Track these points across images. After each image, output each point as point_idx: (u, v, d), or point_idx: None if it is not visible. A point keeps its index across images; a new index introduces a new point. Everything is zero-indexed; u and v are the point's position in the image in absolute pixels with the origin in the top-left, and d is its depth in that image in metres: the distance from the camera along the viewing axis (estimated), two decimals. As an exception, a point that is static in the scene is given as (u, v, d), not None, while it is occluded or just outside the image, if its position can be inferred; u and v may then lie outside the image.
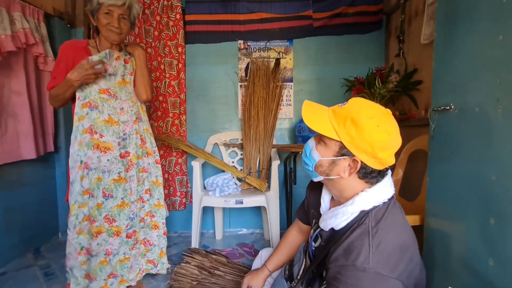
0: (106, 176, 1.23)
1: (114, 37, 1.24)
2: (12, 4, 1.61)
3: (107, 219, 1.25)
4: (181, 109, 2.17)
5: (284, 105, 2.22)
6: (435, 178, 1.09)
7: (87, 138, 1.21)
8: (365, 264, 0.66)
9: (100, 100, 1.23)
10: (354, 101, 0.77)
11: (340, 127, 0.74)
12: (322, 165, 0.79)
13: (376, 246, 0.68)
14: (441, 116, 1.04)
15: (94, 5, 1.19)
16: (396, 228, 0.73)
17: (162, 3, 2.11)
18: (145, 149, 1.38)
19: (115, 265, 1.28)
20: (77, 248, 1.20)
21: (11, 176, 1.70)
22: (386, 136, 0.71)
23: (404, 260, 0.70)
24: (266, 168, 2.06)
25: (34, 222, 1.88)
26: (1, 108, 1.59)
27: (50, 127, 1.91)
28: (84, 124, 1.21)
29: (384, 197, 0.76)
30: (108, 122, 1.24)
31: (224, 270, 1.49)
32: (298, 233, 1.15)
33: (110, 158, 1.24)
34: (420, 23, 1.65)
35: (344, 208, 0.77)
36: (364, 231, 0.71)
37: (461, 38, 0.94)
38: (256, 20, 2.18)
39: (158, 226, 1.42)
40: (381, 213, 0.74)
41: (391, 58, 2.07)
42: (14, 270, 1.66)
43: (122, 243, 1.29)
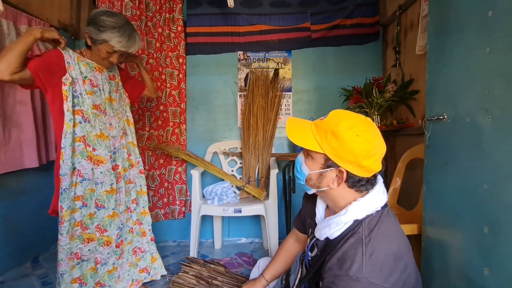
0: (99, 188, 1.25)
1: (107, 66, 1.32)
2: (19, 18, 1.67)
3: (99, 229, 1.26)
4: (181, 118, 2.20)
5: (283, 114, 2.25)
6: (431, 187, 1.10)
7: (81, 147, 1.20)
8: (358, 273, 0.66)
9: (92, 115, 1.24)
10: (333, 113, 0.79)
11: (322, 140, 0.76)
12: (311, 178, 0.81)
13: (369, 255, 0.68)
14: (435, 126, 1.06)
15: (99, 38, 1.16)
16: (389, 237, 0.73)
17: (164, 16, 2.18)
18: (130, 162, 1.43)
19: (102, 275, 1.29)
20: (68, 253, 1.20)
21: (12, 185, 1.72)
22: (367, 145, 0.72)
23: (398, 269, 0.70)
24: (265, 177, 2.06)
25: (33, 231, 1.88)
26: (5, 117, 1.62)
27: (52, 136, 1.93)
28: (77, 132, 1.19)
29: (376, 205, 0.77)
30: (100, 136, 1.27)
31: (222, 280, 1.48)
32: (295, 242, 1.15)
33: (103, 170, 1.26)
34: (415, 34, 1.69)
35: (338, 217, 0.78)
36: (357, 240, 0.72)
37: (451, 49, 0.97)
38: (255, 32, 2.23)
39: (145, 233, 1.46)
40: (374, 221, 0.74)
41: (388, 68, 2.11)
42: (12, 279, 1.65)
43: (112, 253, 1.30)
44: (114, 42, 1.17)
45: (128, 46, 1.21)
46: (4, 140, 1.61)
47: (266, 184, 2.05)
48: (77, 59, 1.22)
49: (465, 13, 0.89)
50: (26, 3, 1.74)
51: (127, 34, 1.19)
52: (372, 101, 1.91)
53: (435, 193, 1.07)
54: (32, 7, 1.79)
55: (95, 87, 1.26)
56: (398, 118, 1.96)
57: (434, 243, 1.08)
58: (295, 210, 2.09)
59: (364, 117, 0.78)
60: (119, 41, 1.17)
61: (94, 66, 1.28)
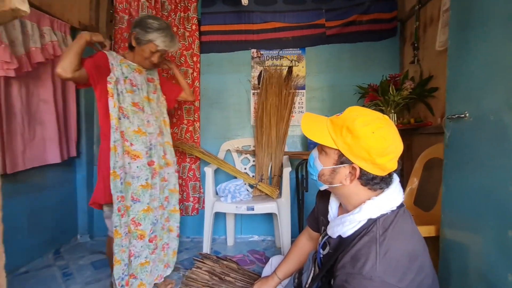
0: (135, 182, 1.31)
1: (148, 67, 1.41)
2: (42, 19, 1.74)
3: (133, 222, 1.31)
4: (195, 116, 2.22)
5: (296, 112, 2.23)
6: (451, 187, 1.06)
7: (120, 141, 1.28)
8: (371, 272, 0.66)
9: (131, 112, 1.32)
10: (350, 109, 0.78)
11: (337, 136, 0.75)
12: (324, 174, 0.80)
13: (383, 254, 0.67)
14: (456, 124, 1.02)
15: (145, 38, 1.29)
16: (404, 236, 0.72)
17: (179, 15, 2.20)
18: (166, 160, 1.48)
19: (135, 267, 1.32)
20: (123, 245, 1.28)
21: (36, 180, 1.80)
22: (382, 142, 0.71)
23: (413, 269, 0.68)
24: (278, 175, 2.06)
25: (55, 224, 1.97)
26: (30, 115, 1.70)
27: (73, 133, 2.01)
28: (119, 127, 1.29)
29: (392, 205, 0.75)
30: (138, 132, 1.33)
31: (234, 277, 1.50)
32: (308, 240, 1.15)
33: (139, 165, 1.32)
34: (435, 29, 1.63)
35: (351, 216, 0.77)
36: (371, 239, 0.71)
37: (475, 44, 0.93)
38: (269, 29, 2.22)
39: (172, 229, 1.52)
40: (389, 221, 0.73)
41: (406, 65, 2.05)
42: (35, 269, 1.74)
43: (145, 247, 1.34)
44: (158, 41, 1.29)
45: (170, 46, 1.33)
46: (29, 137, 1.69)
47: (278, 182, 2.05)
48: (120, 61, 1.33)
49: (491, 5, 0.85)
50: (48, 4, 1.81)
51: (169, 35, 1.32)
52: (389, 99, 1.86)
53: (454, 194, 1.04)
54: (54, 8, 1.86)
55: (134, 86, 1.35)
56: (416, 116, 1.90)
57: (452, 245, 1.04)
58: (308, 209, 2.08)
59: (382, 115, 0.77)
60: (163, 41, 1.29)
61: (135, 68, 1.38)
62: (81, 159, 2.15)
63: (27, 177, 1.73)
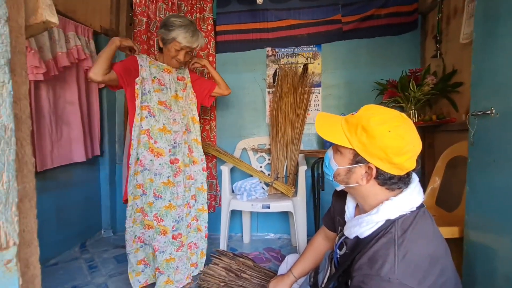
0: (157, 179, 1.36)
1: (176, 65, 1.46)
2: (67, 25, 1.83)
3: (156, 218, 1.35)
4: (212, 115, 2.26)
5: (312, 110, 2.21)
6: (475, 187, 1.01)
7: (145, 139, 1.35)
8: (390, 274, 0.64)
9: (157, 110, 1.38)
10: (365, 108, 0.76)
11: (352, 135, 0.74)
12: (339, 174, 0.79)
13: (402, 256, 0.65)
14: (481, 121, 0.97)
15: (169, 37, 1.34)
16: (424, 238, 0.69)
17: (195, 16, 2.24)
18: (192, 158, 1.51)
19: (161, 262, 1.36)
20: (132, 236, 1.33)
21: (62, 177, 1.91)
22: (399, 141, 0.69)
23: (434, 272, 0.66)
24: (293, 173, 2.05)
25: (80, 219, 2.08)
26: (57, 116, 1.80)
27: (97, 133, 2.11)
28: (143, 125, 1.35)
29: (411, 205, 0.73)
30: (162, 130, 1.38)
31: (250, 274, 1.51)
32: (324, 240, 1.14)
33: (162, 162, 1.37)
34: (460, 21, 1.56)
35: (369, 216, 0.75)
36: (389, 240, 0.69)
37: (501, 36, 0.88)
38: (284, 27, 2.21)
39: (201, 229, 1.53)
40: (408, 222, 0.71)
41: (428, 59, 1.96)
42: (64, 261, 1.85)
43: (168, 243, 1.38)
44: (180, 38, 1.32)
45: (192, 41, 1.35)
46: (56, 137, 1.79)
47: (294, 180, 2.04)
48: (149, 63, 1.41)
49: (520, -5, 0.80)
50: (72, 11, 1.91)
51: (191, 30, 1.34)
52: (409, 95, 1.80)
53: (479, 194, 0.99)
54: (78, 14, 1.95)
55: (162, 86, 1.41)
56: (438, 112, 1.82)
57: (477, 247, 1.00)
58: (324, 208, 2.06)
59: (398, 113, 0.74)
60: (184, 37, 1.32)
61: (164, 68, 1.44)
62: (104, 158, 2.25)
63: (55, 175, 1.84)
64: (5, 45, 0.23)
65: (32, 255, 0.31)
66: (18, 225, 0.25)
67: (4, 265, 0.23)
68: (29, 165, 0.30)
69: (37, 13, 0.30)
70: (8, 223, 0.23)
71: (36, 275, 0.31)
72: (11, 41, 0.29)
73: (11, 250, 0.24)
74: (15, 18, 0.30)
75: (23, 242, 0.30)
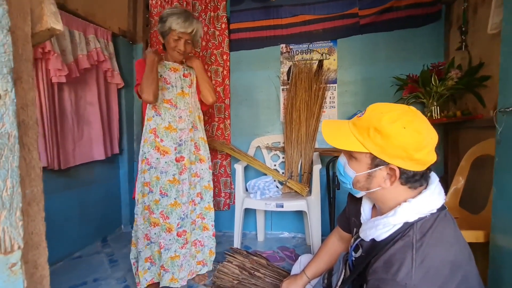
0: (163, 176, 1.38)
1: (178, 57, 1.45)
2: (88, 28, 1.90)
3: (162, 215, 1.39)
4: (226, 113, 2.27)
5: (327, 107, 2.16)
6: (503, 188, 0.95)
7: (151, 138, 1.38)
8: (406, 279, 0.61)
9: (163, 109, 1.40)
10: (372, 108, 0.73)
11: (365, 139, 0.70)
12: (359, 180, 0.75)
13: (420, 261, 0.62)
14: (509, 118, 0.90)
15: (165, 28, 1.36)
16: (445, 243, 0.65)
17: (209, 15, 2.25)
18: (199, 156, 1.51)
19: (166, 260, 1.39)
20: (143, 233, 1.37)
21: (84, 175, 2.00)
22: (417, 136, 0.65)
23: (455, 279, 0.62)
24: (308, 172, 2.02)
25: (102, 215, 2.17)
26: (78, 117, 1.88)
27: (115, 132, 2.18)
28: (151, 125, 1.39)
29: (431, 207, 0.69)
30: (168, 128, 1.40)
31: (264, 272, 1.51)
32: (338, 241, 1.11)
33: (167, 160, 1.39)
34: (487, 10, 1.45)
35: (385, 219, 0.72)
36: (407, 244, 0.66)
37: (535, 26, 0.80)
38: (298, 23, 2.17)
39: (207, 227, 1.53)
40: (427, 225, 0.67)
41: (452, 52, 1.86)
42: (87, 255, 1.94)
43: (173, 240, 1.41)
44: (174, 25, 1.32)
45: (186, 26, 1.34)
46: (78, 136, 1.87)
47: (308, 179, 2.01)
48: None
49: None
50: (92, 14, 1.97)
51: (183, 16, 1.34)
52: (431, 90, 1.71)
53: (507, 196, 0.92)
54: (98, 17, 2.01)
55: (168, 84, 1.44)
56: (463, 108, 1.72)
57: (505, 253, 0.93)
58: (339, 207, 2.02)
59: (407, 107, 0.71)
60: (177, 23, 1.32)
61: (170, 67, 1.47)
62: (123, 156, 2.33)
63: (77, 173, 1.93)
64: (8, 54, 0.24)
65: (41, 257, 0.32)
66: (22, 229, 0.25)
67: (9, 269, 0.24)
68: (36, 169, 0.31)
69: (43, 20, 0.31)
70: (13, 228, 0.24)
71: (45, 276, 0.32)
72: (17, 49, 0.30)
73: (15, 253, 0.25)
74: (22, 26, 0.30)
75: (32, 244, 0.31)
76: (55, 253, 1.79)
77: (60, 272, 1.71)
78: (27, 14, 0.30)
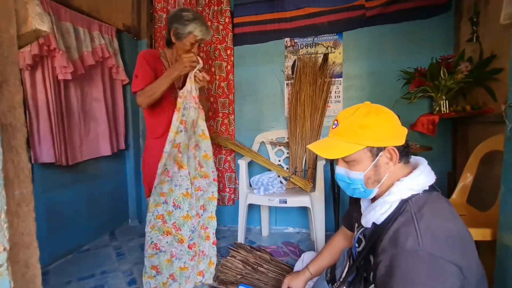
0: (177, 189, 1.38)
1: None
2: (92, 25, 1.91)
3: (174, 226, 1.39)
4: (230, 109, 2.27)
5: (332, 102, 2.13)
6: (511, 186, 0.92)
7: (175, 152, 1.34)
8: (415, 247, 0.62)
9: (190, 126, 1.37)
10: (342, 116, 0.81)
11: (356, 138, 0.76)
12: (369, 177, 0.78)
13: (424, 229, 0.64)
14: (519, 113, 0.87)
15: (185, 31, 1.31)
16: (442, 215, 0.68)
17: (213, 9, 2.23)
18: (202, 173, 1.48)
19: (176, 269, 1.41)
20: (148, 241, 1.38)
21: (91, 170, 2.04)
22: (387, 116, 0.77)
23: (457, 247, 0.63)
24: (312, 168, 2.01)
25: (109, 209, 2.22)
26: (85, 113, 1.91)
27: (121, 128, 2.21)
28: (177, 139, 1.33)
29: (422, 184, 0.74)
30: (187, 145, 1.39)
31: (267, 267, 1.52)
32: (343, 239, 1.12)
33: (182, 174, 1.38)
34: (500, 0, 1.39)
35: (382, 199, 0.76)
36: (407, 218, 0.68)
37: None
38: (303, 16, 2.13)
39: (209, 236, 1.52)
40: (422, 200, 0.71)
41: (462, 44, 1.79)
42: (95, 248, 1.99)
43: (184, 251, 1.42)
44: (197, 31, 1.32)
45: (206, 34, 1.35)
46: (85, 132, 1.91)
47: (313, 175, 2.00)
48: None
49: None
50: (97, 10, 1.98)
51: (204, 23, 1.35)
52: (439, 84, 1.66)
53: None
54: (102, 13, 2.02)
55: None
56: (473, 102, 1.67)
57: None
58: (344, 203, 2.01)
59: (359, 104, 0.81)
60: (200, 30, 1.32)
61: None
62: (129, 151, 2.37)
63: (85, 168, 1.97)
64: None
65: (32, 256, 0.32)
66: (7, 231, 0.26)
67: (-5, 270, 0.24)
68: (25, 171, 0.31)
69: (28, 22, 0.30)
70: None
71: (36, 275, 0.32)
72: (3, 52, 0.30)
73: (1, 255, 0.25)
74: (7, 28, 0.30)
75: (22, 244, 0.31)
76: (65, 246, 1.85)
77: (70, 264, 1.77)
78: (11, 16, 0.30)
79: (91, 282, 1.57)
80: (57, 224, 1.77)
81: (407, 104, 1.86)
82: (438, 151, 1.89)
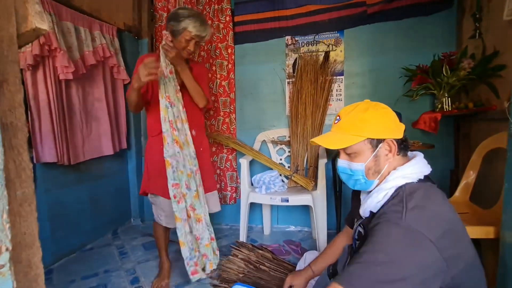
0: (184, 170, 1.38)
1: (186, 56, 1.42)
2: (93, 24, 1.91)
3: (191, 207, 1.39)
4: (231, 107, 2.26)
5: (334, 100, 2.12)
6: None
7: (170, 130, 1.34)
8: (397, 220, 0.68)
9: (176, 100, 1.38)
10: (344, 111, 0.86)
11: (357, 130, 0.80)
12: (370, 167, 0.82)
13: (411, 207, 0.68)
14: (523, 110, 0.86)
15: (179, 27, 1.34)
16: (433, 199, 0.72)
17: (213, 7, 2.23)
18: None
19: (203, 248, 1.42)
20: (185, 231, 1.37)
21: (94, 169, 2.04)
22: (386, 111, 0.82)
23: (441, 228, 0.66)
24: (314, 166, 2.00)
25: (112, 208, 2.22)
26: (86, 113, 1.91)
27: (123, 127, 2.21)
28: (169, 116, 1.34)
29: (417, 174, 0.77)
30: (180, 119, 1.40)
31: (269, 266, 1.52)
32: (346, 239, 1.12)
33: (183, 154, 1.38)
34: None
35: (378, 187, 0.81)
36: (398, 200, 0.73)
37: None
38: (304, 13, 2.12)
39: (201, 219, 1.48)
40: (416, 187, 0.74)
41: (464, 40, 1.78)
42: (98, 247, 2.00)
43: (204, 228, 1.42)
44: (191, 27, 1.33)
45: (201, 30, 1.36)
46: (87, 132, 1.91)
47: (314, 173, 2.00)
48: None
49: None
50: (97, 10, 1.98)
51: (200, 20, 1.36)
52: (441, 81, 1.65)
53: (520, 192, 0.89)
54: (103, 13, 2.02)
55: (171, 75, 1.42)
56: (476, 99, 1.65)
57: (516, 251, 0.90)
58: (346, 201, 2.01)
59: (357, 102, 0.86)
60: (194, 26, 1.33)
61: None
62: (131, 151, 2.37)
63: (88, 168, 1.97)
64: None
65: (35, 256, 0.32)
66: (10, 231, 0.26)
67: (-3, 270, 0.24)
68: (27, 170, 0.31)
69: (28, 21, 0.30)
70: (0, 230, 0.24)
71: (39, 275, 0.32)
72: (2, 51, 0.30)
73: (3, 255, 0.25)
74: (6, 27, 0.30)
75: (25, 244, 0.31)
76: (68, 245, 1.86)
77: (73, 263, 1.77)
78: (11, 14, 0.30)
79: (95, 281, 1.57)
80: (60, 224, 1.78)
81: (409, 101, 1.85)
82: (440, 148, 1.88)
